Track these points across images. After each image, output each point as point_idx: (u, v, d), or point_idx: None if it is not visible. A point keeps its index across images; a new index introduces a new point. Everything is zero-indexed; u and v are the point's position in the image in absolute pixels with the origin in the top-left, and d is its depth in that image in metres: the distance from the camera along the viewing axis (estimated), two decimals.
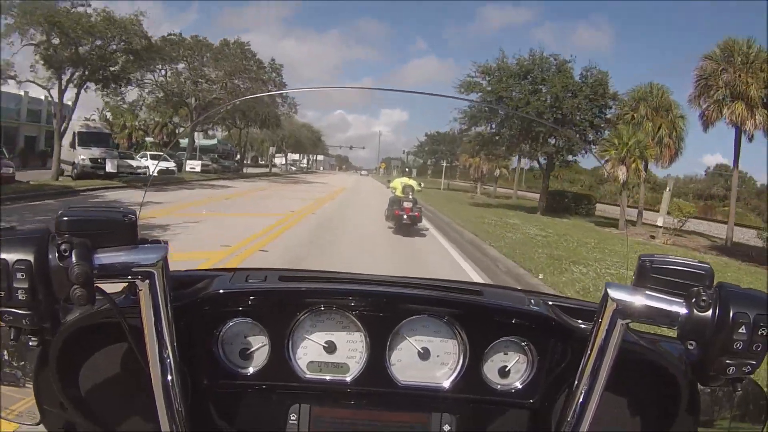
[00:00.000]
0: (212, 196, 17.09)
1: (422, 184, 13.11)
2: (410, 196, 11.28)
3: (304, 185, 33.00)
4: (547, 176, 23.72)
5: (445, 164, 45.27)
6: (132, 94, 32.91)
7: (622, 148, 20.49)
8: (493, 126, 21.61)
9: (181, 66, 33.07)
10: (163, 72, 32.23)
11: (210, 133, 56.47)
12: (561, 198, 27.15)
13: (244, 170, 48.22)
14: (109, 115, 60.85)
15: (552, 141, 22.22)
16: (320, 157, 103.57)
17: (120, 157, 28.11)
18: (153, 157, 32.16)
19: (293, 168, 76.12)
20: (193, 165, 33.62)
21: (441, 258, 9.76)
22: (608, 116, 22.18)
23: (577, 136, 21.57)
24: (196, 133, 38.00)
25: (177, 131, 44.19)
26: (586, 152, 22.49)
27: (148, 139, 60.25)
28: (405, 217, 11.14)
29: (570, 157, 22.47)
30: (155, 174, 29.91)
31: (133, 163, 28.70)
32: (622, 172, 20.49)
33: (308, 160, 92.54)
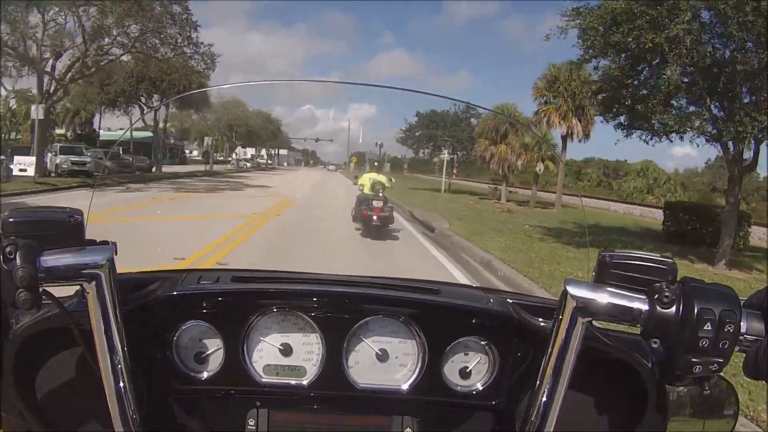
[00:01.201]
0: None
1: (393, 180, 11.63)
2: (381, 194, 9.60)
3: (220, 197, 18.90)
4: (738, 178, 10.43)
5: (447, 155, 30.07)
6: None
7: None
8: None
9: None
10: None
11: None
12: (697, 216, 14.04)
13: (162, 169, 33.85)
14: (13, 102, 46.75)
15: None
16: (283, 152, 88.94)
17: None
18: None
19: (247, 165, 61.77)
20: (24, 164, 19.79)
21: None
22: None
23: None
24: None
25: (94, 119, 30.25)
26: None
27: (58, 131, 45.98)
28: (375, 218, 9.31)
29: None
30: None
31: None
32: None
33: (267, 155, 77.90)
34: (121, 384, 0.75)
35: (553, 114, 23.74)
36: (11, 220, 0.68)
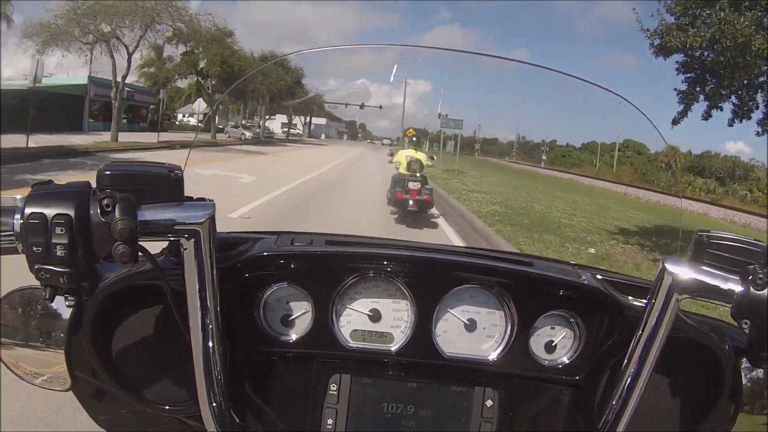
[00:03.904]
0: None
1: (434, 158, 10.19)
2: (418, 174, 8.19)
3: None
4: None
5: None
6: None
7: None
8: None
9: None
10: None
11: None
12: None
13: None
14: None
15: None
16: (320, 121, 64.00)
17: None
18: None
19: (245, 134, 37.66)
20: None
21: None
22: None
23: None
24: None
25: None
26: None
27: None
28: (411, 202, 8.10)
29: None
30: None
31: None
32: None
33: (290, 121, 53.22)
34: (211, 344, 0.75)
35: None
36: (107, 172, 0.66)
